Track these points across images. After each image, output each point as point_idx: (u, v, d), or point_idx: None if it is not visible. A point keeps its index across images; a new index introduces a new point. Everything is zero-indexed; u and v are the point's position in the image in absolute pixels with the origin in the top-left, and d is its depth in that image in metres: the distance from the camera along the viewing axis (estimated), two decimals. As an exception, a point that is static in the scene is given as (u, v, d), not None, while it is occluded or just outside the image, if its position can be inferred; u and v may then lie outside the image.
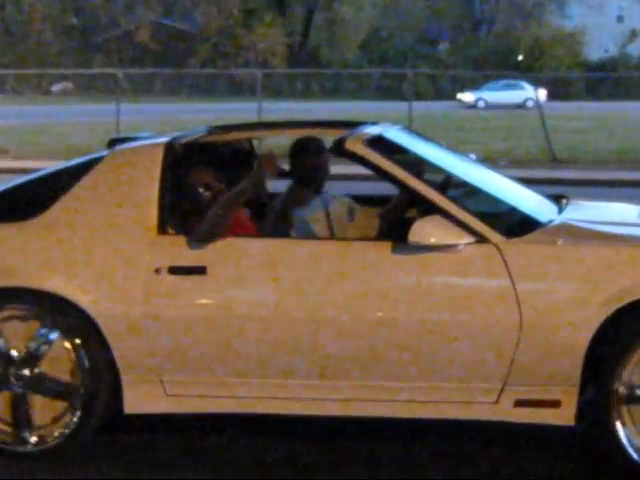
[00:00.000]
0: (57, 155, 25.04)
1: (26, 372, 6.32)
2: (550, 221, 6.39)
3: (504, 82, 62.28)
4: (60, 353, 6.32)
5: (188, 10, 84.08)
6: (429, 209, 6.03)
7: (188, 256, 6.10)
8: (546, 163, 26.58)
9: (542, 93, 58.14)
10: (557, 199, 7.28)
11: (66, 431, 6.30)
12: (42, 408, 6.39)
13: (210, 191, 6.54)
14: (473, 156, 25.09)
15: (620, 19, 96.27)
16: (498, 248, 5.87)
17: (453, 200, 6.11)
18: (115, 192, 6.40)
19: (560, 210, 6.85)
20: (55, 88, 64.44)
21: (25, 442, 6.36)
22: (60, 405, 6.36)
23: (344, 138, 6.37)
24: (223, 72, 56.92)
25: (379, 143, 6.56)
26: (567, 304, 5.81)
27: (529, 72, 66.86)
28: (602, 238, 6.24)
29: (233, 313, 6.09)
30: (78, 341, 6.22)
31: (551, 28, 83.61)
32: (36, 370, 6.33)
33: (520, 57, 77.40)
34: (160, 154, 6.43)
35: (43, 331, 6.30)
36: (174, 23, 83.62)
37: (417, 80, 57.28)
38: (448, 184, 6.69)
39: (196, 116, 39.94)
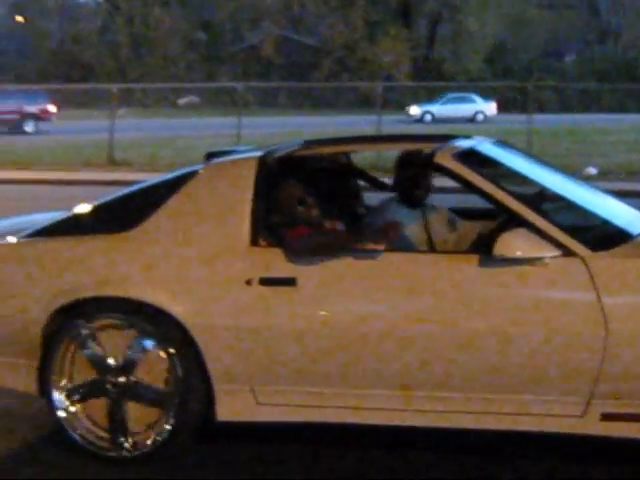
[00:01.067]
0: (179, 168, 25.05)
1: (122, 379, 6.42)
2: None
3: (454, 95, 60.60)
4: (155, 362, 6.42)
5: (313, 24, 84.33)
6: (516, 222, 6.01)
7: (279, 268, 6.14)
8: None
9: (492, 107, 58.64)
10: None
11: (159, 438, 6.39)
12: (137, 415, 6.49)
13: (302, 207, 6.58)
14: (593, 170, 24.87)
15: None
16: (584, 261, 5.82)
17: (540, 213, 6.09)
18: (209, 205, 6.52)
19: None
20: (181, 101, 65.10)
21: (121, 448, 6.46)
22: (154, 412, 6.45)
23: (434, 152, 6.42)
24: (344, 85, 56.81)
25: (470, 156, 6.57)
26: None
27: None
28: None
29: (323, 325, 6.13)
30: (172, 350, 6.30)
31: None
32: (132, 378, 6.44)
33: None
34: (254, 168, 6.50)
35: (139, 340, 6.41)
36: (299, 37, 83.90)
37: (540, 93, 57.00)
38: (540, 197, 6.64)
39: (317, 129, 40.10)
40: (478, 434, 6.26)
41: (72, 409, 6.57)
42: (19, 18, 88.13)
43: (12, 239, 6.88)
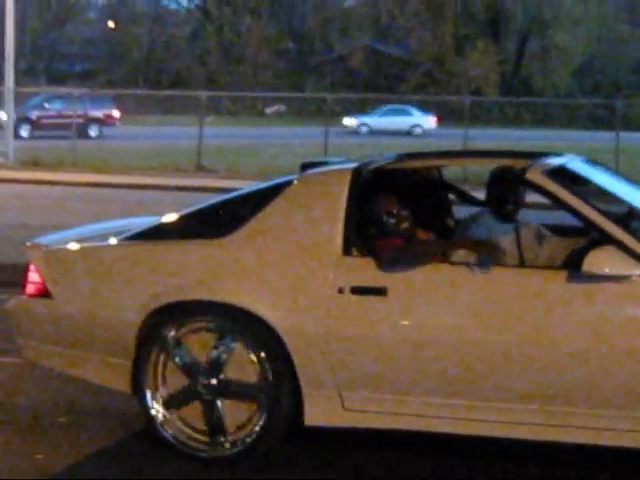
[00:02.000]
0: (264, 176, 25.33)
1: (214, 381, 6.51)
2: None
3: (391, 107, 58.33)
4: (246, 367, 6.51)
5: (401, 36, 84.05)
6: (605, 239, 6.03)
7: (371, 277, 6.21)
8: None
9: (431, 120, 56.37)
10: None
11: (249, 439, 6.47)
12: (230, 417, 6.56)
13: (394, 219, 6.63)
14: None
15: None
16: None
17: (629, 231, 6.11)
18: (304, 214, 6.61)
19: None
20: (269, 110, 65.20)
21: (218, 446, 6.57)
22: (245, 414, 6.52)
23: (526, 168, 6.46)
24: (431, 98, 56.61)
25: (560, 174, 6.60)
26: None
27: None
28: None
29: (413, 334, 6.19)
30: (263, 354, 6.39)
31: None
32: (222, 377, 6.53)
33: None
34: (348, 179, 6.56)
35: (230, 344, 6.52)
36: (387, 48, 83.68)
37: (629, 111, 56.39)
38: (629, 216, 6.66)
39: (403, 141, 40.30)
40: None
41: (167, 413, 6.69)
42: (110, 24, 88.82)
43: (114, 241, 7.03)
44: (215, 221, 6.95)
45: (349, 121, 58.33)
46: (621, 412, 6.02)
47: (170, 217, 7.19)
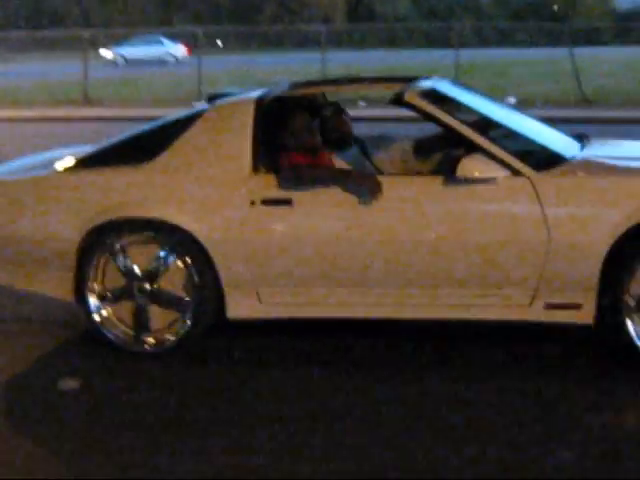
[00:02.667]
0: (148, 104, 25.42)
1: (147, 286, 6.68)
2: (573, 157, 6.58)
3: (143, 37, 53.89)
4: (174, 271, 6.67)
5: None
6: (473, 149, 6.26)
7: (278, 190, 6.42)
8: (577, 104, 26.33)
9: (181, 49, 52.30)
10: (580, 137, 7.39)
11: (181, 331, 6.67)
12: (158, 316, 6.75)
13: (310, 133, 6.88)
14: (512, 99, 25.05)
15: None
16: (530, 180, 6.12)
17: (492, 140, 6.36)
18: (217, 140, 6.73)
19: (582, 147, 7.01)
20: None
21: (143, 343, 6.79)
22: (173, 314, 6.71)
23: (403, 92, 6.62)
24: (291, 28, 56.50)
25: (432, 95, 6.79)
26: (586, 226, 6.04)
27: (563, 21, 66.01)
28: (614, 171, 6.37)
29: (314, 237, 6.40)
30: (189, 260, 6.56)
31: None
32: (155, 285, 6.70)
33: (555, 7, 76.44)
34: (252, 107, 6.72)
35: (161, 253, 6.66)
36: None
37: (462, 32, 57.00)
38: (489, 127, 6.90)
39: (267, 67, 40.20)
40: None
41: (104, 313, 6.82)
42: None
43: (52, 170, 7.06)
44: (139, 149, 6.99)
45: (106, 52, 54.23)
46: (485, 290, 6.34)
47: (97, 147, 7.28)
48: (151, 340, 6.82)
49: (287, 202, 6.42)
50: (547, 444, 5.14)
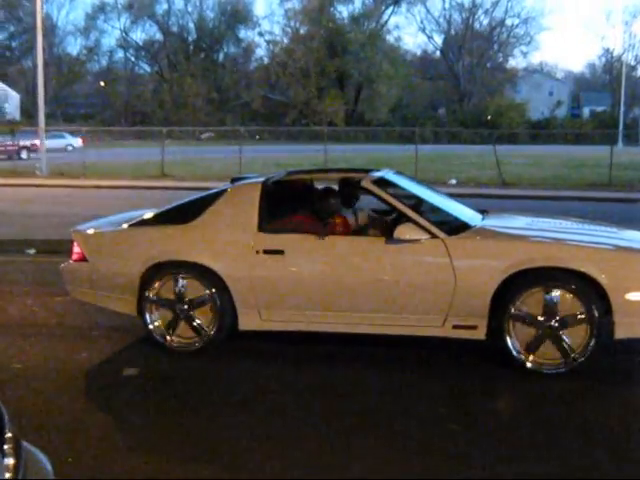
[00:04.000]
0: (205, 179, 25.68)
1: (185, 308, 6.72)
2: (475, 225, 6.62)
3: (55, 133, 47.27)
4: (206, 298, 6.69)
5: (285, 88, 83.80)
6: (406, 219, 6.36)
7: (273, 244, 6.48)
8: (498, 185, 26.44)
9: (79, 141, 44.44)
10: (482, 212, 7.45)
11: (209, 337, 6.72)
12: (184, 329, 6.79)
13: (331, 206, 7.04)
14: (453, 181, 24.91)
15: (551, 94, 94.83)
16: (443, 241, 6.19)
17: (419, 214, 6.44)
18: (235, 209, 6.80)
19: (483, 219, 7.05)
20: (203, 136, 64.50)
21: (166, 337, 6.80)
22: (206, 322, 6.73)
23: (361, 179, 6.77)
24: (304, 128, 56.53)
25: (381, 181, 6.88)
26: (481, 273, 6.09)
27: (495, 128, 66.21)
28: (500, 236, 6.41)
29: (297, 276, 6.45)
30: (214, 290, 6.63)
31: (507, 99, 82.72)
32: (191, 312, 6.73)
33: (489, 117, 76.72)
34: (260, 187, 6.83)
35: (207, 291, 6.67)
36: (275, 96, 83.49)
37: (424, 133, 57.30)
38: (419, 204, 6.93)
39: (287, 154, 40.41)
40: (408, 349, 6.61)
41: (157, 324, 6.85)
42: (102, 83, 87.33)
43: (125, 226, 7.17)
44: (183, 214, 7.02)
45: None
46: (412, 315, 6.32)
47: (155, 212, 7.28)
48: (171, 339, 6.86)
49: (280, 252, 6.49)
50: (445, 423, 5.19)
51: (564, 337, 6.05)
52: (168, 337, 6.84)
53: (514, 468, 4.46)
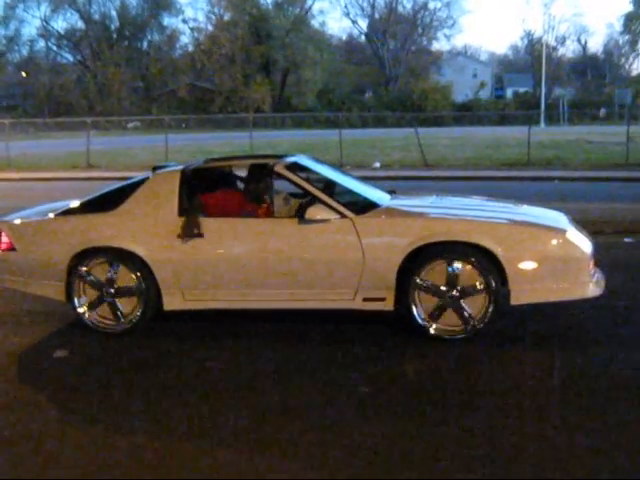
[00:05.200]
0: (132, 168, 25.71)
1: (111, 291, 7.02)
2: (382, 205, 6.96)
3: None
4: (129, 279, 7.01)
5: (210, 75, 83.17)
6: (317, 201, 6.70)
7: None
8: (421, 167, 27.02)
9: None
10: (391, 192, 7.80)
11: (135, 318, 7.04)
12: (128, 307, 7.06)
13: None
14: (377, 164, 25.37)
15: (475, 76, 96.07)
16: (351, 220, 6.56)
17: (329, 195, 6.80)
18: (156, 197, 7.05)
19: (390, 199, 7.41)
20: (130, 126, 63.93)
21: (119, 324, 7.08)
22: (131, 305, 7.05)
23: (274, 164, 7.11)
24: (230, 115, 56.28)
25: (294, 166, 7.20)
26: (386, 249, 6.49)
27: (421, 111, 67.10)
28: (403, 214, 6.79)
29: (217, 257, 6.74)
30: (139, 273, 6.93)
31: (432, 82, 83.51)
32: (116, 286, 7.01)
33: (414, 100, 77.15)
34: (178, 175, 7.12)
35: (114, 268, 6.99)
36: (201, 83, 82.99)
37: (350, 118, 57.93)
38: (330, 187, 7.30)
39: (214, 142, 40.42)
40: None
41: (85, 307, 7.13)
42: (23, 73, 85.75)
43: (50, 216, 7.37)
44: (107, 202, 7.24)
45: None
46: (325, 289, 6.66)
47: (80, 201, 7.47)
48: (126, 319, 7.11)
49: (200, 235, 6.81)
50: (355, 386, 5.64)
51: (464, 306, 6.54)
52: (94, 317, 7.15)
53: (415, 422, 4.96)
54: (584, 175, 23.02)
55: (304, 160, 7.79)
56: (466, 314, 6.53)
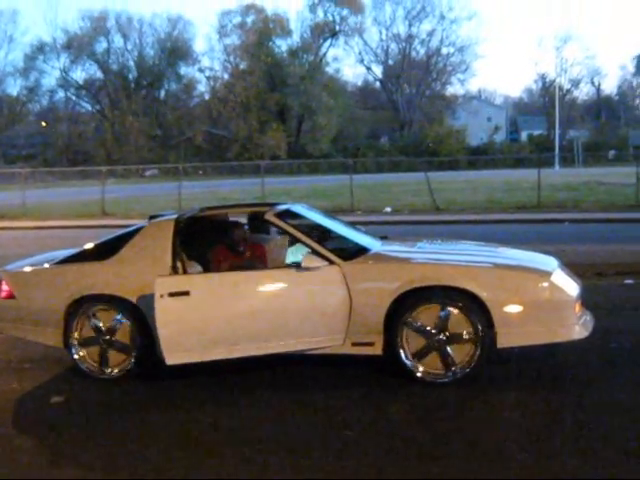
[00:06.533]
0: (146, 216, 25.44)
1: (108, 337, 7.20)
2: (371, 250, 7.08)
3: None
4: (124, 327, 7.16)
5: (226, 123, 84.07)
6: (309, 249, 6.79)
7: (180, 285, 6.60)
8: (431, 211, 27.14)
9: None
10: (382, 238, 7.92)
11: (128, 367, 7.17)
12: (114, 357, 7.21)
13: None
14: (389, 209, 25.46)
15: (489, 119, 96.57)
16: (339, 267, 6.64)
17: (319, 243, 6.89)
18: (150, 245, 7.17)
19: (382, 244, 7.53)
20: (147, 173, 64.44)
21: (104, 373, 7.24)
22: (123, 356, 7.20)
23: (265, 212, 7.19)
24: (245, 162, 56.15)
25: (285, 214, 7.31)
26: (374, 294, 6.55)
27: (435, 155, 67.37)
28: (391, 260, 6.94)
29: (203, 314, 6.59)
30: (133, 320, 7.07)
31: (447, 126, 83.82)
32: (113, 338, 7.19)
33: (430, 144, 77.86)
34: (172, 224, 7.20)
35: (118, 317, 7.15)
36: (217, 131, 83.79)
37: (365, 163, 58.25)
38: (322, 234, 7.45)
39: (228, 188, 40.64)
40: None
41: (81, 353, 7.31)
42: (43, 123, 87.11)
43: (47, 265, 7.62)
44: (104, 250, 7.41)
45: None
46: (317, 335, 6.67)
47: (78, 250, 7.70)
48: (112, 370, 7.27)
49: (186, 294, 6.60)
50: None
51: (449, 351, 6.61)
52: (101, 368, 7.30)
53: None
54: (594, 217, 23.05)
55: (297, 208, 7.93)
56: (450, 360, 6.60)
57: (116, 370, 7.25)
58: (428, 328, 6.62)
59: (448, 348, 6.59)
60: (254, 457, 5.26)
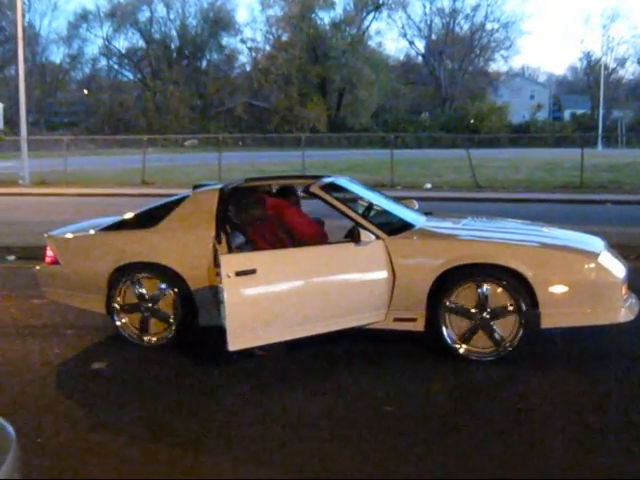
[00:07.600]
0: (185, 186, 25.75)
1: (150, 305, 7.26)
2: (416, 226, 7.07)
3: None
4: (168, 297, 7.19)
5: (267, 94, 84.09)
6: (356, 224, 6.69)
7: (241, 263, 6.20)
8: (472, 188, 26.90)
9: None
10: (427, 213, 7.92)
11: (169, 335, 7.22)
12: (155, 325, 7.24)
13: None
14: (429, 185, 25.29)
15: (532, 97, 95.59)
16: (384, 241, 6.61)
17: (366, 219, 6.87)
18: (195, 214, 7.19)
19: (426, 220, 7.51)
20: (186, 143, 64.72)
21: (144, 341, 7.30)
22: (164, 324, 7.25)
23: (310, 185, 7.10)
24: (285, 135, 56.13)
25: (330, 187, 7.26)
26: (417, 270, 6.55)
27: (477, 132, 66.85)
28: (436, 236, 6.86)
29: (273, 291, 6.27)
30: (176, 289, 7.11)
31: (489, 103, 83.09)
32: (155, 306, 7.23)
33: (471, 121, 77.33)
34: (217, 195, 7.21)
35: (162, 285, 7.17)
36: (258, 102, 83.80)
37: (406, 138, 57.95)
38: (369, 209, 7.48)
39: (267, 160, 40.69)
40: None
41: (123, 320, 7.37)
42: (85, 91, 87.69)
43: (92, 231, 7.66)
44: (148, 219, 7.43)
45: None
46: (361, 311, 6.59)
47: (122, 217, 7.72)
48: (150, 339, 7.33)
49: (252, 271, 6.24)
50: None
51: (495, 327, 6.56)
52: (141, 335, 7.35)
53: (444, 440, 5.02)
54: (637, 199, 22.72)
55: (341, 181, 7.88)
56: (497, 336, 6.55)
57: (155, 339, 7.30)
58: (471, 307, 6.58)
59: (493, 324, 6.54)
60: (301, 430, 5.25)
